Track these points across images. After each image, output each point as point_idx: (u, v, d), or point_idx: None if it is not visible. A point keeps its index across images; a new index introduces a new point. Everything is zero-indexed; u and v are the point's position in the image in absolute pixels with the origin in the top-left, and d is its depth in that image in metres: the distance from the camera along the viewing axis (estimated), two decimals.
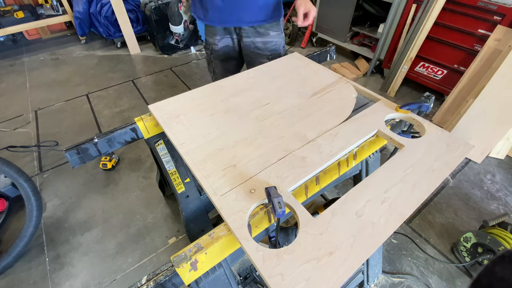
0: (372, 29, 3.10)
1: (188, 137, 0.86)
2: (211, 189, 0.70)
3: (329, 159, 0.77)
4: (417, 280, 1.49)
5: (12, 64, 3.46)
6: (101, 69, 3.34)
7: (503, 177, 2.02)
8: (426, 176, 0.72)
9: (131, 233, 1.71)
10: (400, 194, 0.68)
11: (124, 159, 2.18)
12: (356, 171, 1.07)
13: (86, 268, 1.56)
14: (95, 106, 2.75)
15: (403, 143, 0.81)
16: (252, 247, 0.58)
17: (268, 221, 0.70)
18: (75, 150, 0.91)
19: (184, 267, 0.59)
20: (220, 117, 0.93)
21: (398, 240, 1.66)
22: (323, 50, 1.39)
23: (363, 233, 0.61)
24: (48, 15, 3.68)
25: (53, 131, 2.46)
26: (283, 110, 0.96)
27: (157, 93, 2.94)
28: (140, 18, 3.55)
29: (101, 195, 1.93)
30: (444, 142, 0.81)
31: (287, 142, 0.83)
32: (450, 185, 1.97)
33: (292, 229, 1.18)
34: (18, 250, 1.53)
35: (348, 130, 0.86)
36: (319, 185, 0.78)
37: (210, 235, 0.64)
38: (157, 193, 1.91)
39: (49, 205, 1.87)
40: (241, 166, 0.76)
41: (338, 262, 0.57)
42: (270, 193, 0.63)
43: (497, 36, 2.08)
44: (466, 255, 1.52)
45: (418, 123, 0.89)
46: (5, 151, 2.18)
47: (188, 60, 3.50)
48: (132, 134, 1.00)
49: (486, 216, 1.77)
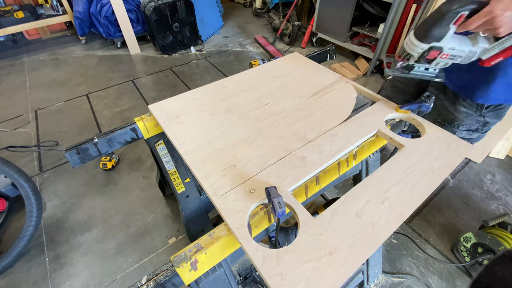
0: (372, 29, 3.10)
1: (188, 137, 0.86)
2: (211, 189, 0.70)
3: (329, 159, 0.77)
4: (417, 280, 1.49)
5: (12, 64, 3.46)
6: (101, 69, 3.34)
7: (503, 177, 2.02)
8: (426, 176, 0.72)
9: (131, 233, 1.71)
10: (400, 194, 0.68)
11: (124, 159, 2.18)
12: (356, 171, 1.07)
13: (86, 268, 1.56)
14: (95, 106, 2.75)
15: (403, 143, 0.81)
16: (252, 247, 0.58)
17: (268, 221, 0.70)
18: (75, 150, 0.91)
19: (184, 267, 0.59)
20: (220, 117, 0.93)
21: (398, 240, 1.66)
22: (323, 50, 1.39)
23: (363, 233, 0.61)
24: (48, 15, 3.68)
25: (53, 131, 2.46)
26: (283, 110, 0.96)
27: (157, 93, 2.94)
28: (140, 18, 3.55)
29: (101, 195, 1.93)
30: (444, 142, 0.81)
31: (287, 142, 0.83)
32: (450, 185, 1.97)
33: (292, 229, 1.18)
34: (18, 250, 1.53)
35: (348, 130, 0.86)
36: (319, 185, 0.78)
37: (210, 235, 0.64)
38: (157, 193, 1.91)
39: (49, 205, 1.87)
40: (241, 166, 0.76)
41: (338, 262, 0.57)
42: (270, 193, 0.63)
43: None
44: (466, 255, 1.52)
45: (418, 123, 0.89)
46: (5, 151, 2.18)
47: (188, 60, 3.50)
48: (132, 134, 1.00)
49: (486, 216, 1.77)
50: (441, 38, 0.72)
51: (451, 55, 0.77)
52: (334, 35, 3.32)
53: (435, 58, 0.77)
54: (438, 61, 0.79)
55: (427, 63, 0.80)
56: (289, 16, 3.57)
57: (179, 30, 3.48)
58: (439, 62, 0.79)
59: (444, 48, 0.75)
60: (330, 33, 3.36)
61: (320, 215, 0.64)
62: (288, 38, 3.71)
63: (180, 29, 3.48)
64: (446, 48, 0.75)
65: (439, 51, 0.75)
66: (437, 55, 0.76)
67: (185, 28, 3.52)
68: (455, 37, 0.74)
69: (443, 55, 0.77)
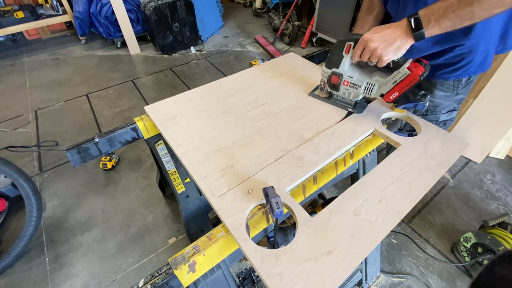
0: None
1: (185, 138, 0.86)
2: (209, 190, 0.70)
3: (326, 159, 0.77)
4: (417, 280, 1.49)
5: (12, 64, 3.46)
6: (101, 69, 3.35)
7: (503, 177, 2.02)
8: (422, 174, 0.72)
9: (131, 233, 1.71)
10: (397, 192, 0.68)
11: (124, 159, 2.18)
12: (353, 170, 1.07)
13: (86, 268, 1.56)
14: (95, 106, 2.75)
15: (400, 142, 0.81)
16: (251, 247, 0.58)
17: (266, 222, 0.70)
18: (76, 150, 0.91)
19: (182, 269, 0.59)
20: (217, 118, 0.93)
21: (398, 240, 1.66)
22: (323, 50, 1.39)
23: (361, 232, 0.61)
24: (48, 15, 3.69)
25: (53, 131, 2.46)
26: (280, 110, 0.96)
27: (157, 93, 2.94)
28: (140, 18, 3.55)
29: (101, 195, 1.93)
30: (440, 140, 0.81)
31: (284, 142, 0.83)
32: (450, 185, 1.97)
33: (291, 229, 1.18)
34: (18, 250, 1.54)
35: (344, 129, 0.86)
36: (317, 185, 0.78)
37: (208, 237, 0.64)
38: (157, 193, 1.91)
39: (49, 205, 1.87)
40: (239, 166, 0.76)
41: (336, 261, 0.57)
42: (268, 193, 0.63)
43: None
44: (466, 255, 1.52)
45: (414, 121, 0.89)
46: (5, 151, 2.18)
47: (188, 60, 3.50)
48: (133, 133, 1.00)
49: (486, 216, 1.76)
50: (339, 65, 0.88)
51: (351, 83, 0.89)
52: (334, 35, 3.32)
53: (339, 85, 0.92)
54: (347, 90, 0.92)
55: (335, 89, 0.94)
56: (289, 16, 3.57)
57: (179, 30, 3.49)
58: (348, 91, 0.92)
59: (343, 75, 0.89)
60: (330, 33, 3.35)
61: (318, 214, 0.64)
62: (288, 38, 3.71)
63: (180, 29, 3.48)
64: (345, 75, 0.89)
65: (339, 76, 0.90)
66: (338, 81, 0.91)
67: (185, 28, 3.52)
68: (354, 68, 0.89)
69: (344, 82, 0.90)
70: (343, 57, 0.86)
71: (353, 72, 0.88)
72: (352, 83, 0.89)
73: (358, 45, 0.79)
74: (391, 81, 0.81)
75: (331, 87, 0.94)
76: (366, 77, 0.87)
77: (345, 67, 0.87)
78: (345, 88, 0.92)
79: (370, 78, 0.86)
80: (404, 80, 0.78)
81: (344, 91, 0.92)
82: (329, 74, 0.91)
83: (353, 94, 0.92)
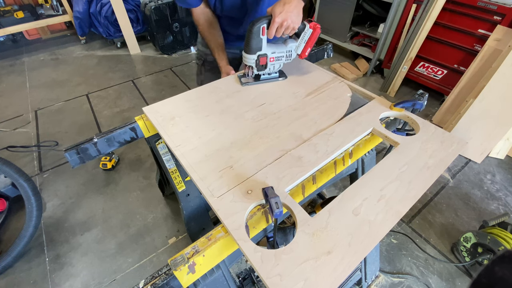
0: (372, 29, 3.10)
1: (184, 138, 0.86)
2: (208, 191, 0.70)
3: (325, 158, 0.77)
4: (417, 280, 1.49)
5: (12, 64, 3.46)
6: (101, 69, 3.35)
7: (503, 177, 2.02)
8: (421, 173, 0.72)
9: (131, 233, 1.72)
10: (396, 191, 0.68)
11: (124, 159, 2.19)
12: (352, 170, 1.07)
13: (86, 268, 1.56)
14: (95, 106, 2.75)
15: (398, 141, 0.81)
16: (250, 248, 0.58)
17: (266, 222, 0.70)
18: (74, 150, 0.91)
19: (181, 270, 0.59)
20: (215, 118, 0.93)
21: (398, 240, 1.66)
22: (320, 48, 1.39)
23: (360, 232, 0.61)
24: (48, 15, 3.69)
25: (53, 131, 2.46)
26: (279, 110, 0.96)
27: (157, 93, 2.94)
28: (140, 18, 3.55)
29: (101, 195, 1.93)
30: (439, 139, 0.81)
31: (283, 142, 0.83)
32: (450, 185, 1.97)
33: (290, 229, 1.18)
34: (18, 250, 1.54)
35: (343, 129, 0.86)
36: (316, 184, 0.78)
37: (207, 237, 0.64)
38: (157, 193, 1.91)
39: (49, 205, 1.87)
40: (238, 167, 0.76)
41: (336, 261, 0.57)
42: (267, 193, 0.63)
43: (497, 36, 2.07)
44: (466, 255, 1.52)
45: (412, 120, 0.89)
46: (5, 151, 2.19)
47: (188, 60, 3.50)
48: (132, 133, 0.99)
49: (486, 216, 1.76)
50: (261, 47, 0.97)
51: (276, 57, 1.02)
52: (334, 35, 3.32)
53: (267, 63, 1.02)
54: (272, 64, 1.04)
55: (264, 68, 1.03)
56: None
57: (179, 30, 3.49)
58: (274, 65, 1.04)
59: (268, 54, 1.00)
60: (330, 33, 3.35)
61: (317, 214, 0.64)
62: None
63: (180, 29, 3.49)
64: (269, 53, 1.00)
65: (265, 57, 1.00)
66: (266, 60, 1.01)
67: (185, 28, 3.53)
68: (272, 45, 1.00)
69: (271, 59, 1.02)
70: (262, 39, 0.95)
71: (272, 48, 0.99)
72: (276, 57, 1.02)
73: (274, 25, 0.90)
74: (302, 42, 1.00)
75: (260, 68, 1.03)
76: (283, 47, 1.01)
77: (266, 47, 0.98)
78: (271, 64, 1.03)
79: (287, 46, 1.01)
80: (310, 37, 0.98)
81: (270, 67, 1.04)
82: (256, 58, 0.99)
83: (277, 65, 1.05)
